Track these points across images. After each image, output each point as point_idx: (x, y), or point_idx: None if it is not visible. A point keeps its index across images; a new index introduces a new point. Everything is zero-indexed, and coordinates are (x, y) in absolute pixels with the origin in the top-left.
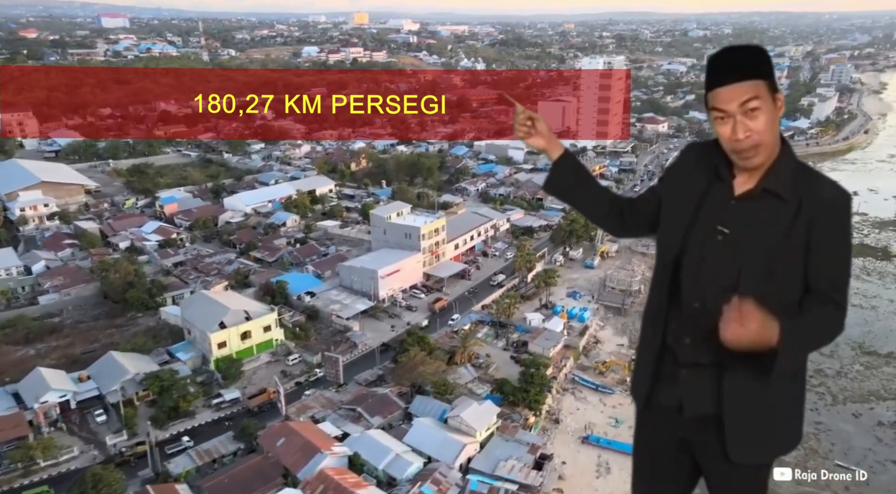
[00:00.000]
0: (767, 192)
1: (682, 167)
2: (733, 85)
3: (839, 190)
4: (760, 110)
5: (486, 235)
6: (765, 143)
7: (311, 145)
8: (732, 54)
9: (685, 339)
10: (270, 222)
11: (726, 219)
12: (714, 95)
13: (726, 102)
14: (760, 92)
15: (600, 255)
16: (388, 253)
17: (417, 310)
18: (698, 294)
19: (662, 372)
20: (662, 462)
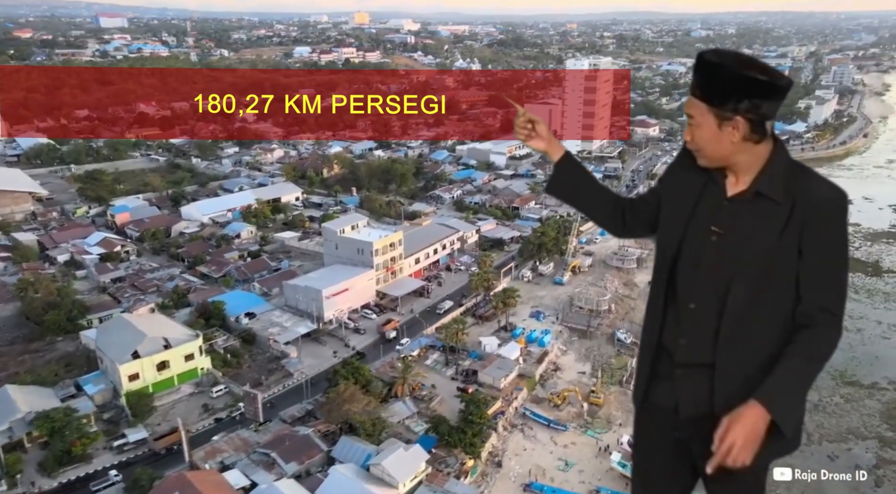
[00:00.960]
0: (760, 195)
1: (679, 167)
2: (691, 98)
3: (834, 189)
4: (698, 127)
5: (452, 248)
6: (703, 153)
7: (285, 149)
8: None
9: (681, 340)
10: (223, 233)
11: (720, 220)
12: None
13: (685, 107)
14: (702, 112)
15: (571, 270)
16: (340, 269)
17: (366, 333)
18: (693, 294)
19: (660, 372)
20: (661, 463)
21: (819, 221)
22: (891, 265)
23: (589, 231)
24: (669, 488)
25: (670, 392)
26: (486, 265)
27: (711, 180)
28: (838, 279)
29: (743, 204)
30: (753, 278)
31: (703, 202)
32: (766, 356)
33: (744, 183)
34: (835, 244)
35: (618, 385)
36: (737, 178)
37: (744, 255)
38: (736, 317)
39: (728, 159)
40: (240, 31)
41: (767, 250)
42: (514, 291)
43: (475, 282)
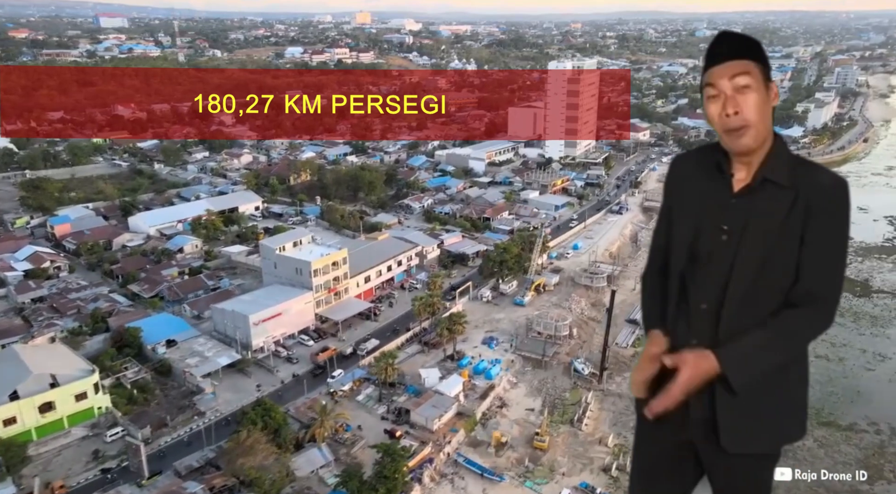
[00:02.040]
0: (767, 182)
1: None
2: (726, 63)
3: (836, 177)
4: (750, 89)
5: (409, 264)
6: (753, 124)
7: (255, 155)
8: (727, 37)
9: (692, 340)
10: (164, 247)
11: (728, 218)
12: (709, 74)
13: (718, 77)
14: (751, 70)
15: (535, 290)
16: (277, 291)
17: (299, 362)
18: (705, 295)
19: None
20: (665, 465)
21: (822, 208)
22: (882, 284)
23: (561, 245)
24: (672, 487)
25: None
26: (435, 287)
27: (720, 177)
28: (835, 265)
29: (749, 197)
30: (753, 268)
31: (710, 202)
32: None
33: (748, 173)
34: (835, 231)
35: (568, 424)
36: (746, 170)
37: (752, 248)
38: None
39: (765, 136)
40: (239, 31)
41: (770, 238)
42: (462, 316)
43: (418, 308)
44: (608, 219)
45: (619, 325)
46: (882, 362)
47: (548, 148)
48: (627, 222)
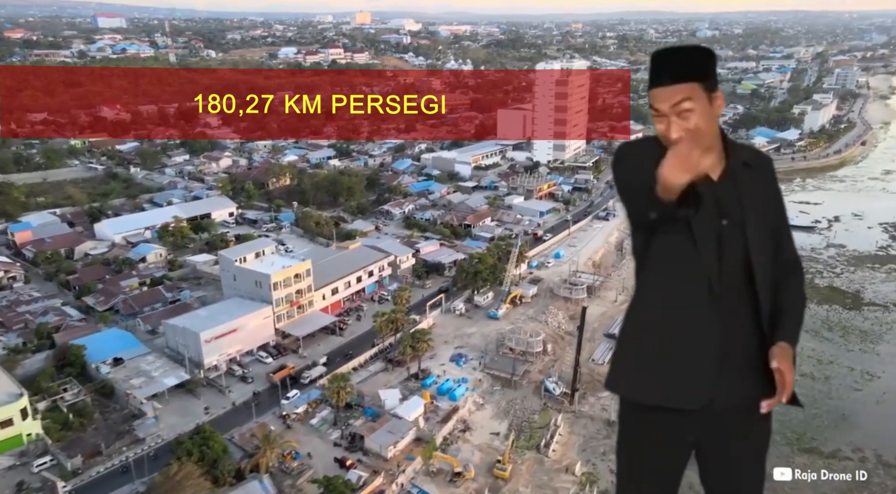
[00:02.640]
0: (746, 166)
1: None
2: (668, 87)
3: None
4: (692, 112)
5: (381, 275)
6: (702, 136)
7: (235, 158)
8: (670, 56)
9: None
10: (126, 257)
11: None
12: (651, 95)
13: (661, 102)
14: (693, 94)
15: (511, 302)
16: (236, 305)
17: (254, 381)
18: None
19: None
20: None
21: (772, 181)
22: (873, 296)
23: (543, 253)
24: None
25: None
26: (401, 301)
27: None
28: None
29: (732, 181)
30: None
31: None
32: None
33: (717, 163)
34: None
35: (534, 450)
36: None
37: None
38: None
39: (713, 139)
40: (236, 31)
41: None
42: (426, 334)
43: (379, 324)
44: (594, 225)
45: (597, 340)
46: (870, 381)
47: (536, 151)
48: (614, 229)
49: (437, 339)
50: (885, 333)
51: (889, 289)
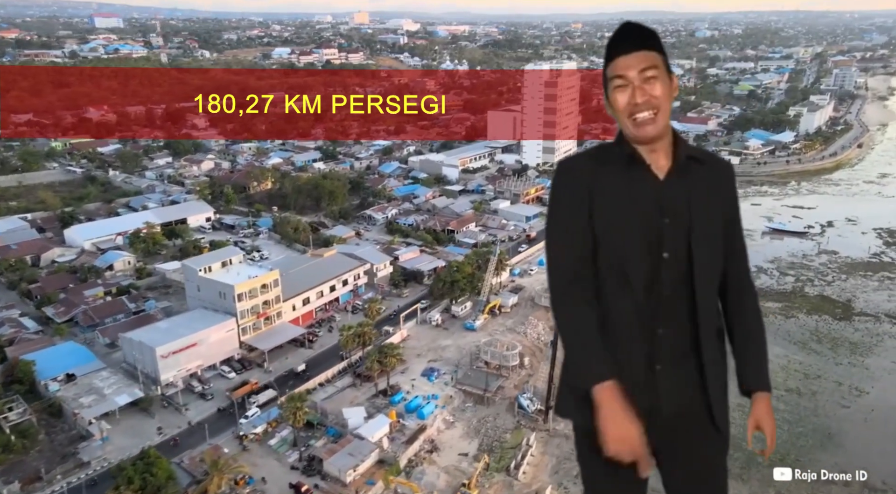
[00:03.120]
0: (692, 160)
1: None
2: (634, 54)
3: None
4: (657, 79)
5: (356, 284)
6: (662, 111)
7: (218, 161)
8: (633, 28)
9: (658, 330)
10: (92, 264)
11: (666, 201)
12: (615, 65)
13: (626, 69)
14: (658, 63)
15: (489, 312)
16: (200, 317)
17: (214, 399)
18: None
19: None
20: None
21: (729, 187)
22: (864, 305)
23: (526, 260)
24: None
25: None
26: (373, 312)
27: (636, 167)
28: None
29: (677, 179)
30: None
31: (637, 191)
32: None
33: (665, 158)
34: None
35: (504, 472)
36: (660, 157)
37: (697, 226)
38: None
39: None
40: (233, 31)
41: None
42: (395, 349)
43: (345, 339)
44: None
45: None
46: (858, 397)
47: (525, 154)
48: None
49: (410, 352)
50: (876, 345)
51: (881, 298)
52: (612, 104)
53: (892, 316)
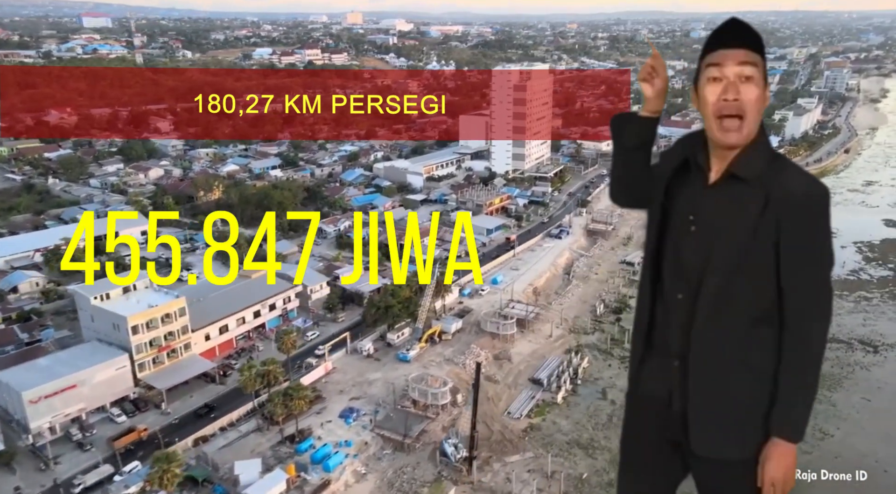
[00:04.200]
0: (734, 178)
1: (670, 152)
2: (738, 49)
3: (812, 183)
4: (753, 82)
5: (287, 308)
6: (749, 119)
7: (167, 168)
8: (741, 24)
9: (672, 330)
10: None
11: (696, 208)
12: (713, 55)
13: (725, 61)
14: (758, 64)
15: (427, 340)
16: (91, 351)
17: (93, 449)
18: (680, 285)
19: (653, 362)
20: (651, 456)
21: (796, 217)
22: (837, 331)
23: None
24: (658, 482)
25: (663, 384)
26: (287, 346)
27: (696, 166)
28: (820, 276)
29: (718, 189)
30: (728, 266)
31: (684, 190)
32: (747, 348)
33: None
34: (814, 240)
35: None
36: (721, 164)
37: (717, 244)
38: (707, 308)
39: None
40: (224, 31)
41: (740, 239)
42: (302, 390)
43: (245, 380)
44: (544, 244)
45: (520, 386)
46: (822, 441)
47: (495, 161)
48: (566, 248)
49: (333, 388)
50: (846, 377)
51: (856, 322)
52: (700, 98)
53: (866, 342)
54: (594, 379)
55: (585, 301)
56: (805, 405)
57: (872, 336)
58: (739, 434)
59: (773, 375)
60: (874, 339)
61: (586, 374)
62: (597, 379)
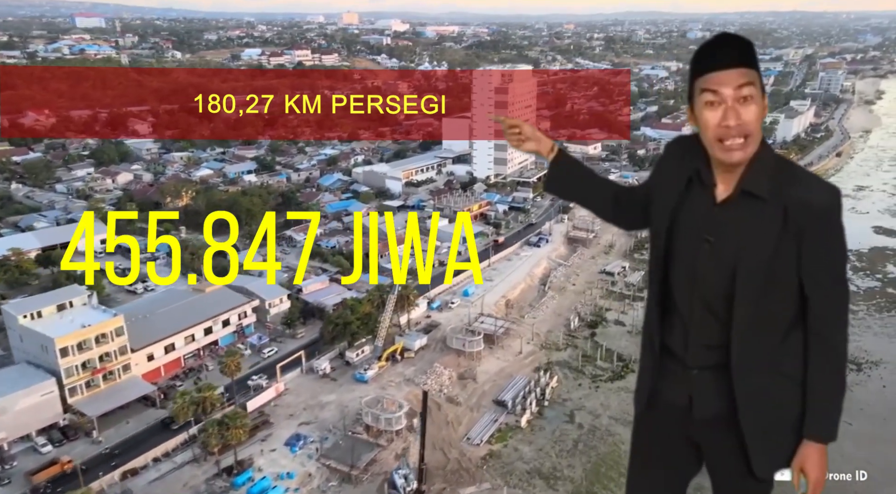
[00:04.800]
0: (747, 194)
1: (667, 162)
2: (733, 69)
3: (827, 190)
4: (753, 100)
5: (242, 323)
6: (752, 137)
7: (137, 173)
8: (732, 40)
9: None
10: None
11: (711, 227)
12: (707, 79)
13: (721, 85)
14: (755, 81)
15: (387, 358)
16: (18, 375)
17: (11, 483)
18: (697, 299)
19: (669, 372)
20: (663, 458)
21: (816, 226)
22: None
23: (450, 290)
24: (672, 479)
25: (682, 391)
26: (231, 368)
27: (700, 182)
28: (839, 277)
29: (733, 207)
30: (756, 283)
31: (691, 206)
32: (780, 357)
33: (732, 185)
34: (833, 246)
35: None
36: (728, 179)
37: (741, 261)
38: (744, 323)
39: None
40: (217, 31)
41: (765, 255)
42: (241, 417)
43: (177, 409)
44: (522, 252)
45: (483, 408)
46: None
47: (476, 166)
48: (544, 257)
49: (283, 412)
50: None
51: None
52: (698, 121)
53: (849, 360)
54: (562, 400)
55: (560, 314)
56: (837, 406)
57: (856, 352)
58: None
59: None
60: (858, 356)
61: (554, 395)
62: (565, 400)
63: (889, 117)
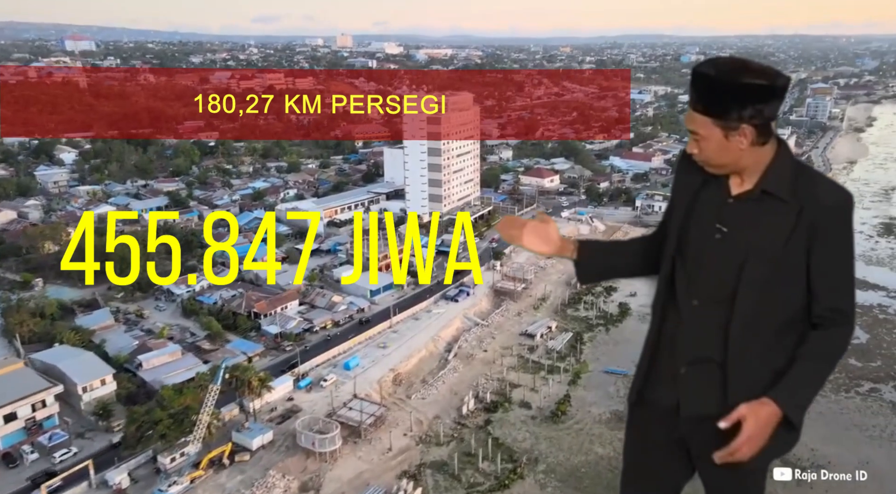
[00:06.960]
0: (766, 194)
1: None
2: (691, 111)
3: (841, 191)
4: (704, 140)
5: (35, 417)
6: (711, 163)
7: (22, 210)
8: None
9: (685, 336)
10: None
11: (724, 218)
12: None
13: (686, 122)
14: (706, 126)
15: (207, 466)
16: None
17: None
18: (698, 292)
19: (659, 369)
20: (653, 462)
21: (828, 225)
22: None
23: (330, 362)
24: (660, 487)
25: (670, 389)
26: None
27: (714, 178)
28: (848, 279)
29: (749, 203)
30: (762, 278)
31: (705, 200)
32: (776, 355)
33: (749, 182)
34: (843, 246)
35: None
36: (742, 179)
37: (750, 254)
38: (745, 317)
39: (737, 165)
40: (203, 54)
41: (775, 251)
42: None
43: None
44: (435, 308)
45: None
46: None
47: (409, 202)
48: (458, 315)
49: None
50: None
51: None
52: None
53: None
54: None
55: (457, 392)
56: (812, 389)
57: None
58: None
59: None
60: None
61: None
62: None
63: (877, 146)
